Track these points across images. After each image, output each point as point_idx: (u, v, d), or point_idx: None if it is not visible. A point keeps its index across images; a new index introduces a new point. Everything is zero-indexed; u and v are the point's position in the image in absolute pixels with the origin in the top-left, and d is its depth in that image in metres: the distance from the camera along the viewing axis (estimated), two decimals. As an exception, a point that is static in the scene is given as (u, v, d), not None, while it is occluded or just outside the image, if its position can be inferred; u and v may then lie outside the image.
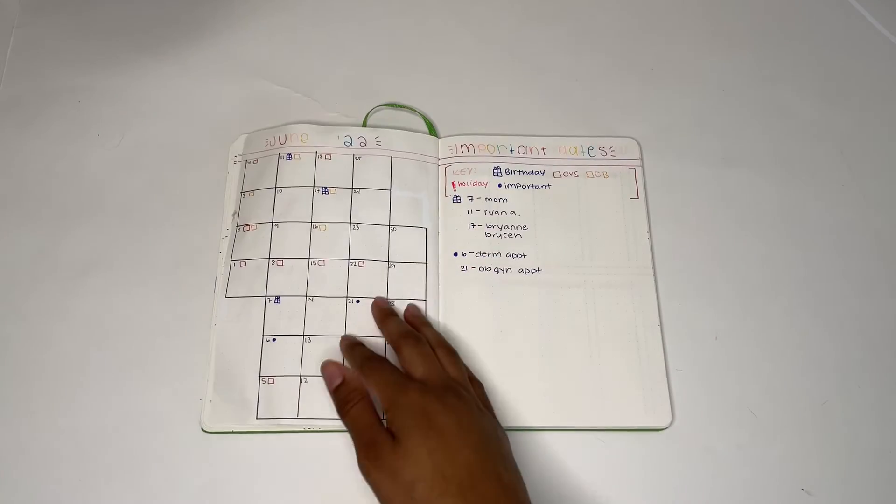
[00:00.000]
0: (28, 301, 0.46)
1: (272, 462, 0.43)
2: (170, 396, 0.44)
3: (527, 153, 0.51)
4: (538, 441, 0.44)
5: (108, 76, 0.54)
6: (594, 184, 0.50)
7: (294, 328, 0.45)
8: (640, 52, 0.56)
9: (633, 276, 0.48)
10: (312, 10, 0.57)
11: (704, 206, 0.51)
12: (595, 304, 0.47)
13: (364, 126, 0.52)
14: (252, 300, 0.45)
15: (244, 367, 0.44)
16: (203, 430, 0.43)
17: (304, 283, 0.46)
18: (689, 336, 0.47)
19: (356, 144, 0.50)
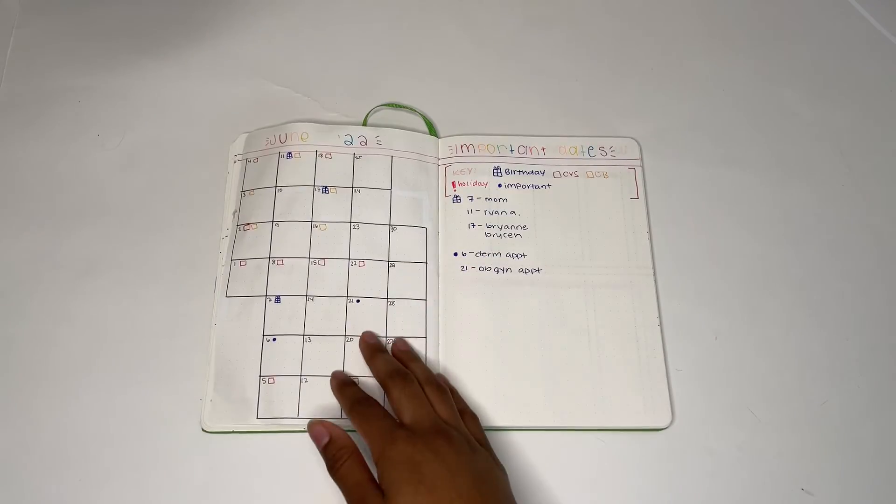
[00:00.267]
0: (29, 301, 0.46)
1: (272, 462, 0.43)
2: (170, 396, 0.44)
3: (527, 153, 0.51)
4: (538, 441, 0.44)
5: (108, 76, 0.54)
6: (594, 184, 0.50)
7: (294, 328, 0.45)
8: (640, 53, 0.56)
9: (633, 276, 0.48)
10: (312, 11, 0.57)
11: (704, 206, 0.51)
12: (595, 304, 0.47)
13: (364, 126, 0.52)
14: (252, 300, 0.45)
15: (244, 367, 0.44)
16: (203, 430, 0.43)
17: (305, 283, 0.46)
18: (689, 336, 0.47)
19: (357, 143, 0.50)
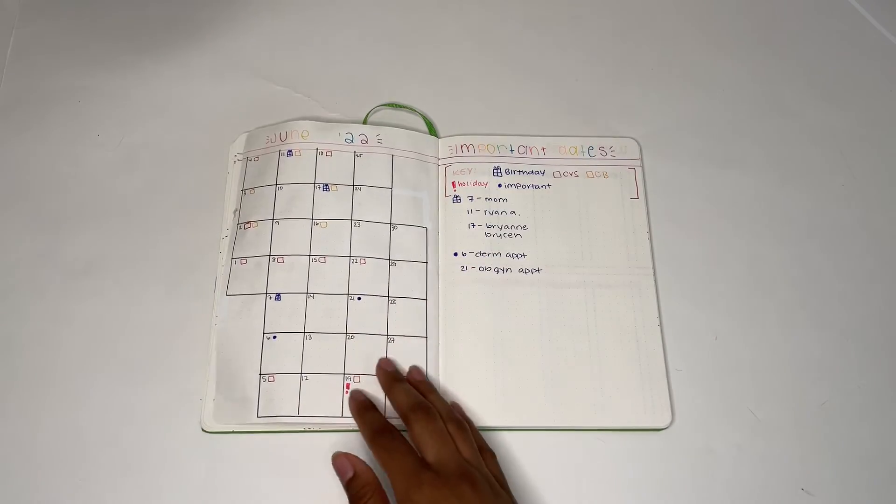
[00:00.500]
0: (29, 301, 0.46)
1: (272, 462, 0.43)
2: (170, 396, 0.44)
3: (527, 153, 0.51)
4: (538, 441, 0.44)
5: (108, 76, 0.54)
6: (594, 184, 0.50)
7: (295, 325, 0.45)
8: (641, 53, 0.56)
9: (633, 276, 0.48)
10: (313, 11, 0.57)
11: (704, 206, 0.51)
12: (595, 304, 0.47)
13: (365, 125, 0.52)
14: (253, 298, 0.45)
15: (245, 365, 0.44)
16: (203, 430, 0.43)
17: (305, 280, 0.46)
18: (689, 336, 0.47)
19: (357, 142, 0.50)
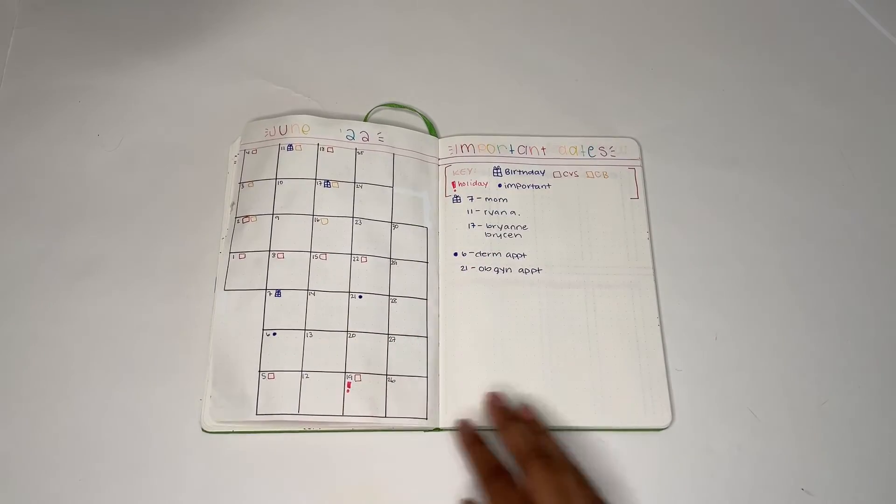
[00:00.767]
0: (28, 301, 0.46)
1: (272, 462, 0.43)
2: (170, 396, 0.44)
3: (527, 153, 0.51)
4: (538, 441, 0.44)
5: (108, 76, 0.54)
6: (594, 184, 0.50)
7: (295, 322, 0.44)
8: (640, 52, 0.56)
9: (633, 276, 0.48)
10: (313, 11, 0.57)
11: (704, 206, 0.51)
12: (595, 304, 0.47)
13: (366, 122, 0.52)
14: (252, 293, 0.45)
15: (244, 362, 0.43)
16: (203, 430, 0.43)
17: (306, 277, 0.45)
18: (689, 336, 0.47)
19: (358, 139, 0.50)
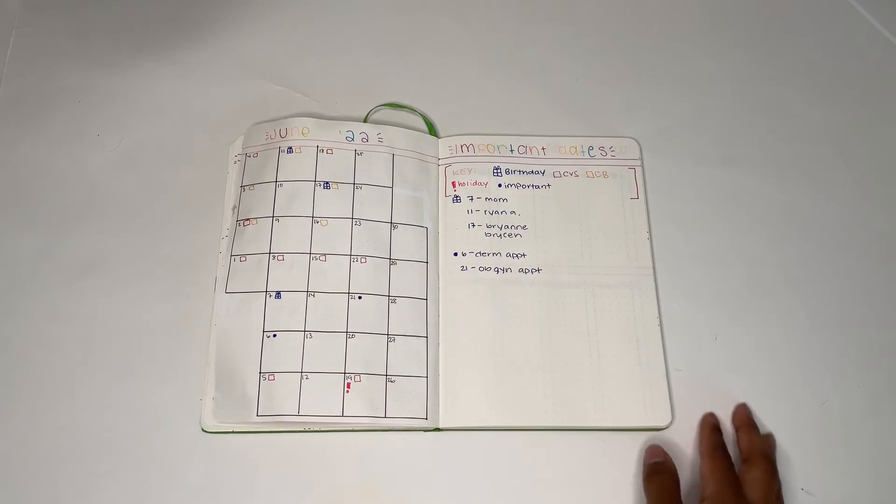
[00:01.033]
0: (28, 301, 0.46)
1: (272, 462, 0.43)
2: (170, 396, 0.44)
3: (527, 153, 0.51)
4: (538, 441, 0.44)
5: (108, 76, 0.54)
6: (594, 184, 0.50)
7: (295, 324, 0.45)
8: (640, 53, 0.56)
9: (633, 276, 0.48)
10: (312, 10, 0.57)
11: (704, 206, 0.51)
12: (595, 304, 0.47)
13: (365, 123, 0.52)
14: (252, 295, 0.45)
15: (244, 363, 0.43)
16: (203, 430, 0.43)
17: (306, 279, 0.46)
18: (689, 336, 0.47)
19: (358, 140, 0.50)
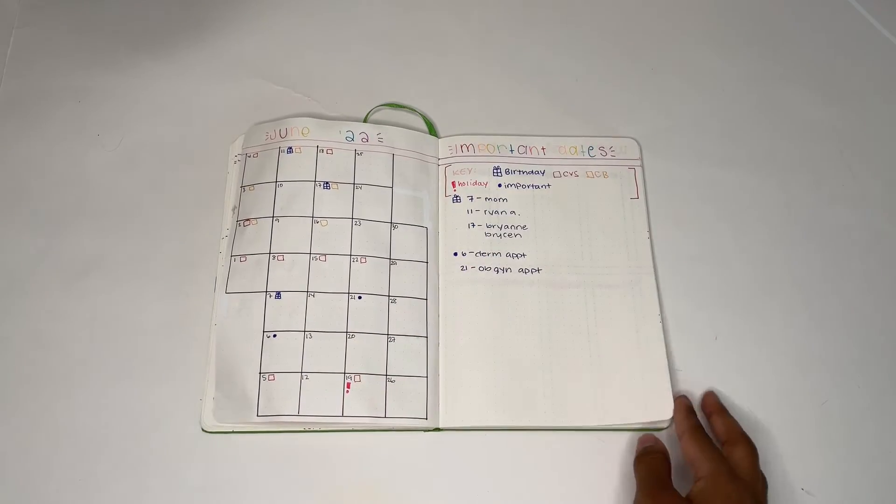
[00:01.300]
0: (28, 301, 0.46)
1: (272, 462, 0.43)
2: (169, 396, 0.44)
3: (527, 153, 0.51)
4: (538, 441, 0.44)
5: (108, 76, 0.54)
6: (594, 184, 0.50)
7: (295, 324, 0.45)
8: (640, 52, 0.56)
9: (633, 276, 0.48)
10: (313, 10, 0.57)
11: (704, 206, 0.51)
12: (595, 304, 0.47)
13: (365, 123, 0.52)
14: (252, 296, 0.45)
15: (244, 363, 0.43)
16: (203, 430, 0.43)
17: (306, 279, 0.46)
18: (689, 336, 0.47)
19: (358, 140, 0.50)
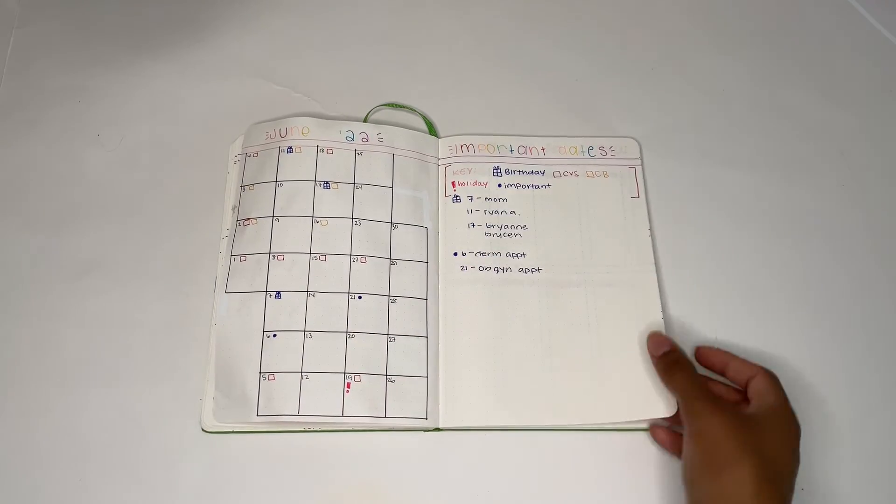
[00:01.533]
0: (28, 301, 0.46)
1: (272, 462, 0.43)
2: (169, 396, 0.44)
3: (527, 153, 0.51)
4: (538, 441, 0.44)
5: (108, 76, 0.54)
6: (594, 183, 0.50)
7: (295, 324, 0.44)
8: (641, 52, 0.56)
9: (634, 276, 0.48)
10: (313, 11, 0.57)
11: (704, 206, 0.51)
12: (595, 304, 0.47)
13: (365, 123, 0.52)
14: (252, 295, 0.45)
15: (244, 363, 0.43)
16: (203, 430, 0.43)
17: (306, 279, 0.46)
18: (689, 335, 0.47)
19: (358, 140, 0.50)
